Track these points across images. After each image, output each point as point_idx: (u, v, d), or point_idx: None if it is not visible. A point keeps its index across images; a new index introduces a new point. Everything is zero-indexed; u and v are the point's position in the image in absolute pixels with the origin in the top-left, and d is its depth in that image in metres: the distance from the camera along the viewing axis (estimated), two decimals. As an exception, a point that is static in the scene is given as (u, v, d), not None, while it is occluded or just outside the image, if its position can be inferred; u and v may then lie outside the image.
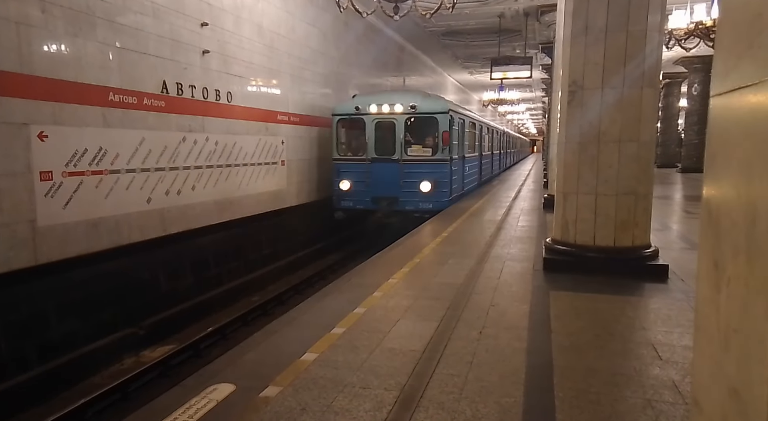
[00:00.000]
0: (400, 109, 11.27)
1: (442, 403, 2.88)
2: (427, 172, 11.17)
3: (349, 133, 12.19)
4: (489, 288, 5.14)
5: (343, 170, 11.72)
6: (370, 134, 11.48)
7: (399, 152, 11.27)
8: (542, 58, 19.37)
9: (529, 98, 36.81)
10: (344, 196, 11.70)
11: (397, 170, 11.26)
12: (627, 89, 5.37)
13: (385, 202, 11.33)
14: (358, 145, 11.96)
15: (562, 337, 3.87)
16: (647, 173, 5.63)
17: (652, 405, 2.85)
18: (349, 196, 11.67)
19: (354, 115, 11.58)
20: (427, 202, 11.20)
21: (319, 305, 4.68)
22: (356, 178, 11.56)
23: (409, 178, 11.18)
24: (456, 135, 12.20)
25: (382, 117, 11.42)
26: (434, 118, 11.31)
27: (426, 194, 11.19)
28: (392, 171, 11.25)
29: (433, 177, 11.17)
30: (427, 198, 11.20)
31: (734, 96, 0.96)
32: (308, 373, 3.24)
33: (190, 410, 2.78)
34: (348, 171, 11.65)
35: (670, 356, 3.50)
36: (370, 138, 11.49)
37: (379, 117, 11.43)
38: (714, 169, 1.07)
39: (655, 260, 5.67)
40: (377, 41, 16.96)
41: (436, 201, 11.26)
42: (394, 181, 11.24)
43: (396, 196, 11.27)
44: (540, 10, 14.53)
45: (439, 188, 11.28)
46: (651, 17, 5.33)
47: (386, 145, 11.45)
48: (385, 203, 11.34)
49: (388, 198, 11.29)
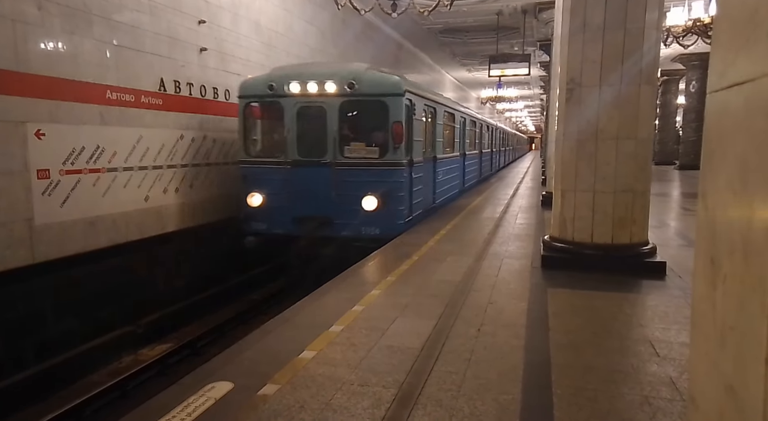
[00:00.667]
0: (333, 89, 7.61)
1: (440, 400, 2.88)
2: (373, 182, 7.62)
3: (262, 123, 8.67)
4: (487, 286, 5.14)
5: (254, 178, 8.06)
6: (290, 126, 7.85)
7: (332, 152, 7.70)
8: (540, 55, 19.36)
9: (528, 96, 36.81)
10: (255, 216, 8.10)
11: (329, 179, 7.67)
12: (625, 87, 5.37)
13: (313, 225, 7.75)
14: (274, 142, 8.48)
15: (560, 334, 3.87)
16: (645, 170, 5.64)
17: (649, 402, 2.85)
18: (262, 215, 8.05)
19: (267, 97, 7.98)
20: (372, 225, 7.70)
21: (317, 302, 4.68)
22: (272, 190, 7.96)
23: (346, 190, 7.65)
24: (420, 128, 8.85)
25: (307, 100, 7.78)
26: (382, 103, 7.66)
27: (371, 214, 7.64)
28: (322, 180, 7.70)
29: (381, 189, 7.60)
30: (373, 219, 7.67)
31: (731, 92, 0.96)
32: (306, 371, 3.24)
33: (188, 409, 2.78)
34: (260, 179, 8.01)
35: (667, 353, 3.50)
36: (291, 131, 7.86)
37: (304, 100, 7.79)
38: (711, 165, 1.07)
39: (652, 257, 5.68)
40: (375, 39, 16.94)
41: (386, 224, 7.75)
42: (326, 194, 7.69)
43: (328, 216, 7.74)
44: (538, 8, 14.53)
45: (391, 205, 7.73)
46: (649, 14, 5.33)
47: (314, 143, 7.87)
48: (312, 226, 7.75)
49: (317, 219, 7.77)
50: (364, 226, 7.72)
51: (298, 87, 7.75)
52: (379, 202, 7.61)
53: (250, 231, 8.15)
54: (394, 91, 7.74)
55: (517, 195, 14.08)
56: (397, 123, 7.64)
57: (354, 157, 7.76)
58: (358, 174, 7.70)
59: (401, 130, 7.67)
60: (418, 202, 8.89)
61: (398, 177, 7.84)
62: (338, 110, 7.71)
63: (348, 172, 7.71)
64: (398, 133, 7.66)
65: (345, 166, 7.72)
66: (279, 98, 7.88)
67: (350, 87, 7.60)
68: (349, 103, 7.85)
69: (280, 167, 7.92)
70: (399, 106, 7.68)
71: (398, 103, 7.68)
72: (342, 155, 7.75)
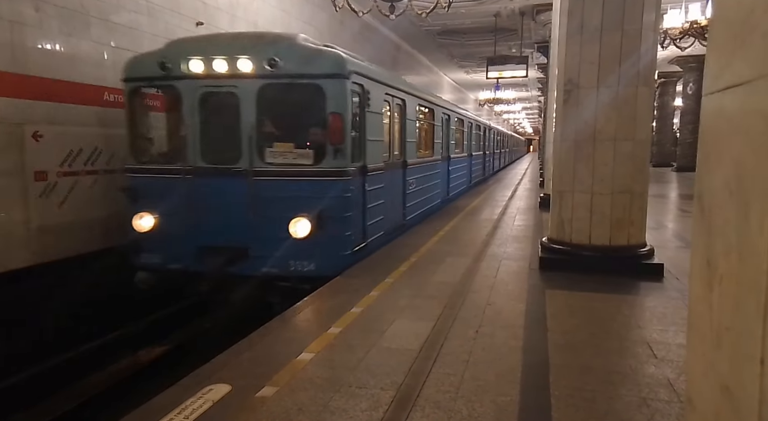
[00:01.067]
0: (249, 68, 5.52)
1: (439, 402, 2.88)
2: (305, 199, 5.52)
3: (154, 117, 6.51)
4: (485, 287, 5.14)
5: (143, 192, 5.86)
6: (190, 119, 5.74)
7: (249, 157, 5.56)
8: (538, 57, 19.39)
9: (525, 97, 36.87)
10: (146, 245, 5.87)
11: (244, 194, 5.56)
12: (622, 88, 5.39)
13: (222, 259, 5.58)
14: (170, 143, 6.40)
15: (558, 335, 3.88)
16: (643, 172, 5.65)
17: (647, 403, 2.86)
18: (154, 244, 5.83)
19: (159, 80, 5.85)
20: (305, 258, 5.57)
21: (315, 304, 4.67)
22: (167, 210, 5.75)
23: (268, 209, 5.54)
24: (378, 125, 6.66)
25: (214, 84, 5.68)
26: (317, 88, 5.54)
27: (304, 243, 5.49)
28: (235, 196, 5.61)
29: (317, 207, 5.50)
30: (307, 250, 5.53)
31: (727, 94, 0.97)
32: (305, 373, 3.24)
33: (186, 411, 2.77)
34: (152, 194, 5.82)
35: (665, 355, 3.51)
36: (192, 127, 5.74)
37: (209, 84, 5.68)
38: (707, 166, 1.07)
39: (650, 259, 5.69)
40: (373, 40, 16.96)
41: (324, 257, 5.59)
42: (240, 215, 5.58)
43: (243, 246, 5.64)
44: (536, 9, 14.56)
45: (332, 230, 5.59)
46: (646, 16, 5.35)
47: (223, 143, 5.79)
48: (221, 261, 5.57)
49: (229, 250, 5.63)
50: (294, 259, 5.53)
51: (200, 65, 5.55)
52: (313, 226, 5.40)
53: (139, 265, 5.94)
54: (333, 71, 5.53)
55: (515, 197, 14.10)
56: (335, 116, 5.46)
57: (279, 164, 5.58)
58: (284, 187, 5.52)
59: (340, 125, 5.49)
60: (377, 222, 6.68)
61: (341, 190, 5.58)
62: (256, 98, 5.51)
63: (271, 184, 5.53)
64: (337, 130, 5.48)
65: (266, 175, 5.53)
66: (174, 81, 5.70)
67: (272, 65, 5.40)
68: (272, 87, 5.56)
69: (178, 177, 5.66)
70: (340, 92, 5.52)
71: (339, 89, 5.52)
72: (262, 161, 5.57)
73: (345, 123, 5.56)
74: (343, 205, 5.69)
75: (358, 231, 6.13)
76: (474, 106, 36.43)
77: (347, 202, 5.74)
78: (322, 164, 5.58)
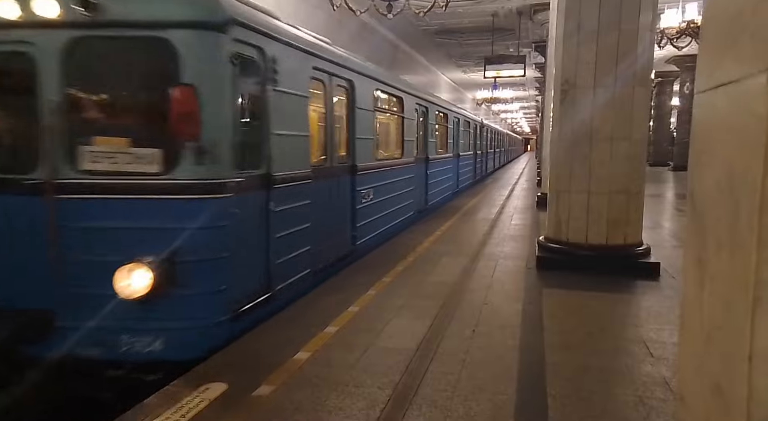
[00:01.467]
0: (52, 11, 3.37)
1: (435, 401, 2.88)
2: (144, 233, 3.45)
3: None
4: (482, 286, 5.15)
5: None
6: None
7: (51, 160, 3.44)
8: (536, 56, 19.42)
9: (523, 97, 36.90)
10: None
11: (42, 222, 3.43)
12: (619, 88, 5.40)
13: (7, 332, 3.36)
14: None
15: (554, 335, 3.89)
16: (639, 171, 5.67)
17: (643, 402, 2.87)
18: None
19: None
20: (146, 332, 3.46)
21: (312, 303, 4.67)
22: None
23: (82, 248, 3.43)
24: (286, 111, 4.47)
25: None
26: (163, 44, 3.38)
27: (144, 307, 3.40)
28: (27, 224, 3.50)
29: (167, 246, 3.39)
30: (149, 319, 3.45)
31: (718, 93, 0.97)
32: (301, 372, 3.24)
33: (182, 410, 2.77)
34: None
35: (661, 353, 3.52)
36: None
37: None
38: (699, 165, 1.08)
39: (646, 258, 5.70)
40: (371, 40, 16.95)
41: (179, 329, 3.51)
42: (35, 259, 3.47)
43: (43, 309, 3.48)
44: (533, 9, 14.57)
45: (192, 285, 3.51)
46: (643, 16, 5.36)
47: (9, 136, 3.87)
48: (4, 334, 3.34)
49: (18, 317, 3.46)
50: (129, 334, 3.46)
51: None
52: (158, 278, 3.37)
53: None
54: (195, 15, 3.51)
55: (512, 196, 14.12)
56: (183, 90, 3.33)
57: (102, 173, 3.46)
58: (110, 212, 3.48)
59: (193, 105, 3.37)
60: (296, 258, 4.66)
61: (211, 218, 3.51)
62: (63, 60, 3.43)
63: (87, 207, 3.47)
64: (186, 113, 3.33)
65: (80, 192, 3.46)
66: None
67: (88, 6, 3.32)
68: (91, 43, 3.52)
69: None
70: (205, 50, 3.51)
71: (203, 46, 3.51)
72: (73, 167, 3.47)
73: (207, 102, 3.42)
74: (214, 242, 3.56)
75: (251, 279, 3.98)
76: (472, 105, 36.47)
77: (221, 237, 3.59)
78: (177, 173, 3.44)
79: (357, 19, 12.28)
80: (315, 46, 5.13)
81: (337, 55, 5.73)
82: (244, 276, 3.89)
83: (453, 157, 13.25)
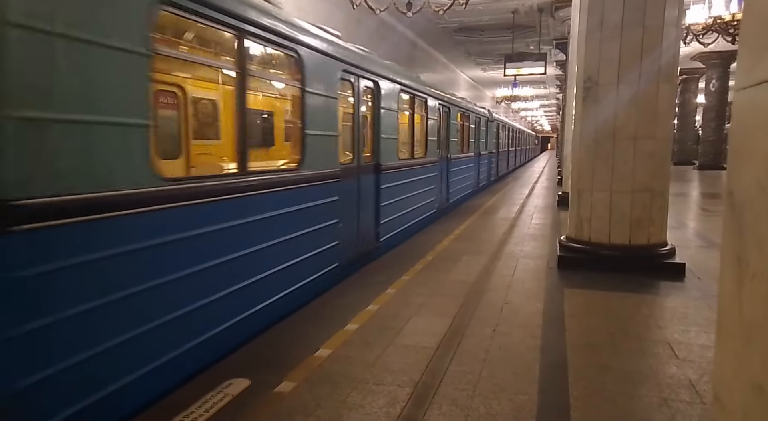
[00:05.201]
0: None
1: (456, 400, 2.88)
2: None
3: None
4: (502, 285, 5.12)
5: None
6: None
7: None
8: (556, 54, 19.19)
9: (543, 95, 36.52)
10: None
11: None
12: (643, 85, 5.31)
13: None
14: None
15: (576, 335, 3.84)
16: (663, 170, 5.56)
17: (668, 404, 2.82)
18: None
19: None
20: None
21: (332, 301, 4.69)
22: None
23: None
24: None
25: None
26: None
27: None
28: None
29: None
30: None
31: (759, 90, 0.95)
32: (322, 369, 3.26)
33: (206, 405, 2.81)
34: None
35: (686, 355, 3.46)
36: None
37: None
38: (737, 162, 1.05)
39: (671, 258, 5.60)
40: (389, 38, 16.93)
41: None
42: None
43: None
44: (554, 6, 14.40)
45: None
46: (668, 12, 5.26)
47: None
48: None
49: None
50: None
51: None
52: None
53: None
54: None
55: (532, 195, 13.99)
56: None
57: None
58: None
59: None
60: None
61: None
62: None
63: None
64: None
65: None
66: None
67: None
68: None
69: None
70: None
71: None
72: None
73: None
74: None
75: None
76: (491, 103, 36.20)
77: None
78: None
79: (376, 17, 12.28)
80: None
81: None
82: None
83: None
